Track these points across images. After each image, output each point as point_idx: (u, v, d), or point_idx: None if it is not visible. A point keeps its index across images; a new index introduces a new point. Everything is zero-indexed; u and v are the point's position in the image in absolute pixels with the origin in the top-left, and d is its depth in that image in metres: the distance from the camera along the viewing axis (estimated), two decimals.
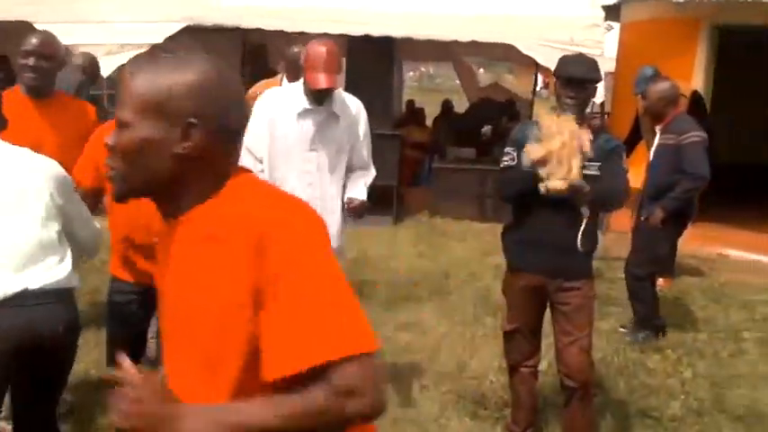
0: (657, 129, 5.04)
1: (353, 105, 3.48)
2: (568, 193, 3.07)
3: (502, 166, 3.30)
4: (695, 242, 7.27)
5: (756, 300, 6.04)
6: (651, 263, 5.12)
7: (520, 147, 3.21)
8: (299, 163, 3.38)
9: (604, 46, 7.94)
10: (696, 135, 4.80)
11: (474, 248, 7.07)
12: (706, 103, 7.83)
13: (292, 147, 3.37)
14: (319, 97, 3.31)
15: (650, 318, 5.11)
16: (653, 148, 5.04)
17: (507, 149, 3.28)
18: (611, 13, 8.91)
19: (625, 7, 9.03)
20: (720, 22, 7.93)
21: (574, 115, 3.12)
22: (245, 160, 3.47)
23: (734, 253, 7.46)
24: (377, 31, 7.49)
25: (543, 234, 3.19)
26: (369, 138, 3.56)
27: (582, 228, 3.16)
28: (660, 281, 5.56)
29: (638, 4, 8.40)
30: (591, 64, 3.24)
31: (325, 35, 3.62)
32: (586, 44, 7.35)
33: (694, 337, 5.15)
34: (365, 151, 3.53)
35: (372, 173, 3.59)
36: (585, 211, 3.18)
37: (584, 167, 3.11)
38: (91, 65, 5.90)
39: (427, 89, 26.60)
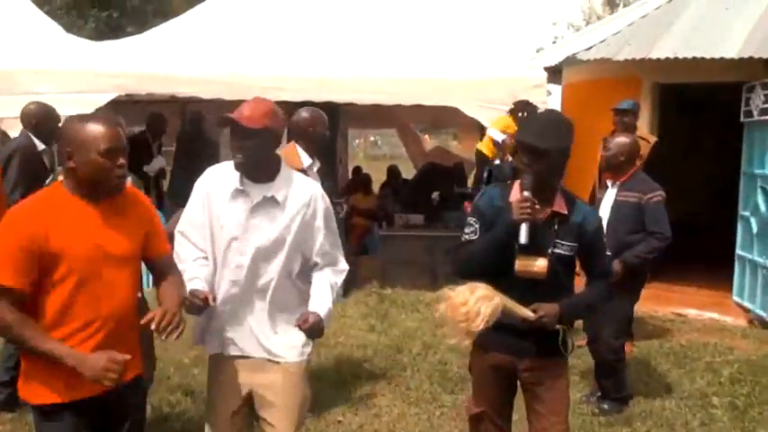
0: (611, 183, 4.90)
1: (306, 190, 2.90)
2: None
3: (463, 239, 3.02)
4: (651, 303, 7.12)
5: (719, 361, 5.85)
6: (624, 331, 4.92)
7: (483, 217, 2.96)
8: (228, 254, 2.86)
9: (548, 107, 7.87)
10: (660, 194, 4.73)
11: (426, 319, 6.75)
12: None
13: (223, 234, 2.85)
14: (236, 150, 2.78)
15: (623, 389, 4.87)
16: (609, 204, 4.85)
17: (470, 220, 3.01)
18: (552, 74, 8.92)
19: (567, 69, 9.06)
20: (661, 80, 7.98)
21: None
22: (181, 248, 2.93)
23: (691, 312, 7.32)
24: (318, 96, 7.29)
25: None
26: (332, 228, 2.98)
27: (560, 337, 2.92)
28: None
29: (579, 66, 8.43)
30: (547, 129, 2.85)
31: None
32: None
33: (662, 405, 4.90)
34: (327, 244, 2.94)
35: (343, 268, 3.02)
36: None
37: (554, 245, 2.86)
38: None
39: (372, 157, 26.67)
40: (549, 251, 2.85)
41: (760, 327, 6.87)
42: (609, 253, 3.21)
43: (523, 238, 2.78)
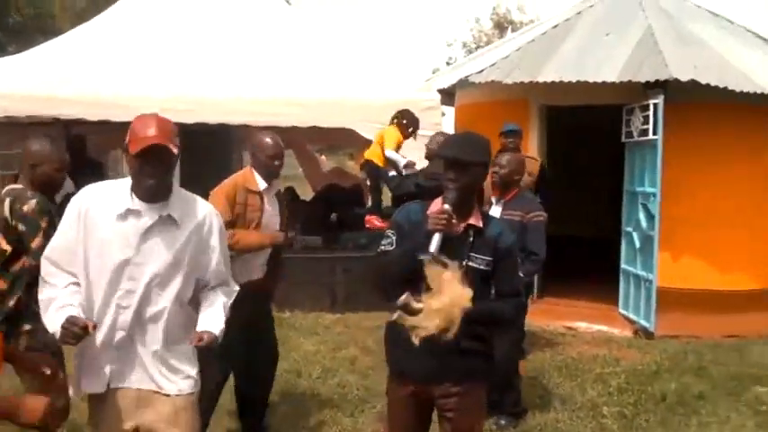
0: (496, 200, 5.01)
1: (200, 209, 2.80)
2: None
3: (379, 250, 2.99)
4: (542, 317, 7.34)
5: (608, 372, 6.07)
6: (520, 346, 5.03)
7: (401, 229, 2.95)
8: (116, 280, 2.66)
9: (442, 128, 8.02)
10: (541, 214, 4.87)
11: (325, 342, 6.70)
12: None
13: (111, 257, 2.65)
14: (150, 176, 2.61)
15: (519, 403, 4.99)
16: None
17: (387, 232, 2.99)
18: (446, 96, 9.12)
19: (459, 91, 9.27)
20: (548, 103, 8.28)
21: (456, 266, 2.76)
22: (50, 276, 2.69)
23: (581, 325, 7.59)
24: (212, 118, 7.17)
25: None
26: (225, 247, 2.91)
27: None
28: None
29: (471, 88, 8.63)
30: (471, 144, 2.91)
31: None
32: (424, 126, 7.41)
33: (556, 417, 5.04)
34: (222, 265, 2.86)
35: (234, 288, 2.95)
36: None
37: (469, 258, 2.85)
38: None
39: None
40: (464, 263, 2.83)
41: (644, 337, 7.20)
42: (522, 275, 3.24)
43: (433, 247, 2.75)
